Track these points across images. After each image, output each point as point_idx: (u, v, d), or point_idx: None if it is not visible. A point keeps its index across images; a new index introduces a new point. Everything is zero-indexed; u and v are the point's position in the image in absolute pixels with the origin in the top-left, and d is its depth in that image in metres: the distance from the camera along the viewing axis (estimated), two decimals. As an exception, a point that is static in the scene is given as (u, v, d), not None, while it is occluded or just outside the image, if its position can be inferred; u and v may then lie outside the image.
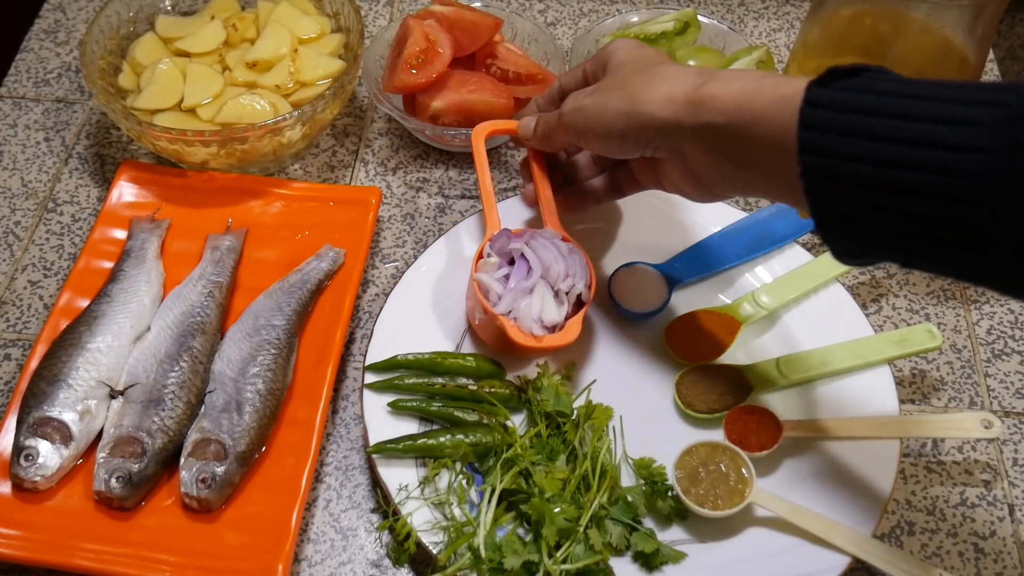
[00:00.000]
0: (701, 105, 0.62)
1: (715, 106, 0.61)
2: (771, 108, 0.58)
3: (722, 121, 0.61)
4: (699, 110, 0.62)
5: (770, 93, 0.58)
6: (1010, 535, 0.76)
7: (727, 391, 0.78)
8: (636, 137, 0.68)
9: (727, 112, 0.61)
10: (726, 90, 0.61)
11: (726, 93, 0.61)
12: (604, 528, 0.70)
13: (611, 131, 0.69)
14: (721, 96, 0.61)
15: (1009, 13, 1.58)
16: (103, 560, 0.70)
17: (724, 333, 0.82)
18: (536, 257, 0.76)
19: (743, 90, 0.60)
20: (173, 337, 0.80)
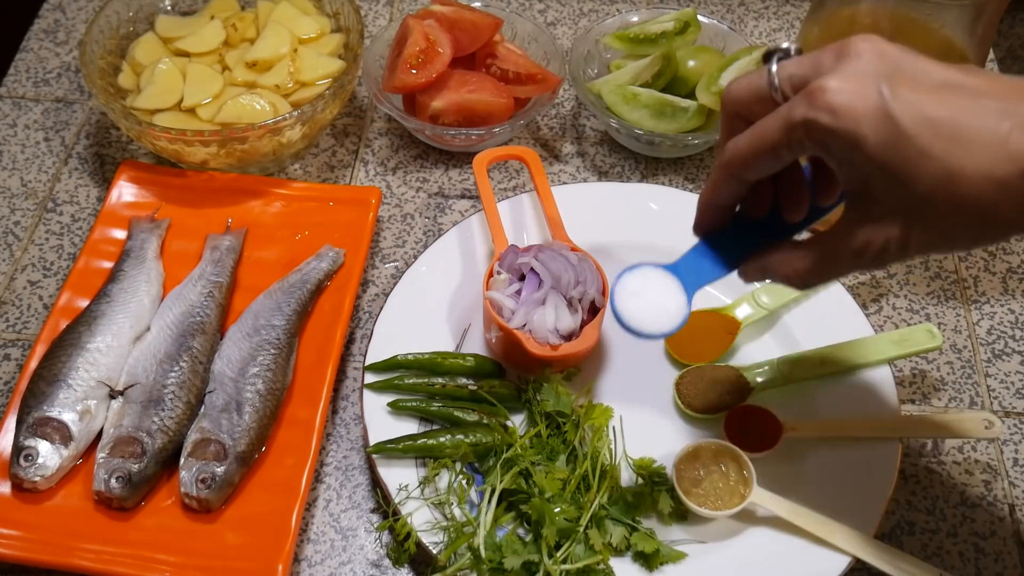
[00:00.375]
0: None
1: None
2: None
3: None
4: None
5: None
6: (1010, 535, 0.76)
7: (727, 391, 0.78)
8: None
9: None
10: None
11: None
12: (604, 528, 0.70)
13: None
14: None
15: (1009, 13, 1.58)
16: (103, 560, 0.70)
17: (724, 333, 0.82)
18: (545, 269, 0.77)
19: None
20: (173, 337, 0.80)
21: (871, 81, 0.51)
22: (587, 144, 1.01)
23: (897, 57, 0.52)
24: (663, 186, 0.94)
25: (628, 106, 0.94)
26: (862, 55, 0.52)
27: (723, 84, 0.92)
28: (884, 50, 0.53)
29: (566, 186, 0.91)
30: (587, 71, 1.01)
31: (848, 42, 0.53)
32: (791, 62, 0.55)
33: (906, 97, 0.50)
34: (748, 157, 0.56)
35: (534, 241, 0.87)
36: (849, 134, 0.51)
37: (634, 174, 0.99)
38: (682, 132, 0.94)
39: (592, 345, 0.78)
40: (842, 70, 0.52)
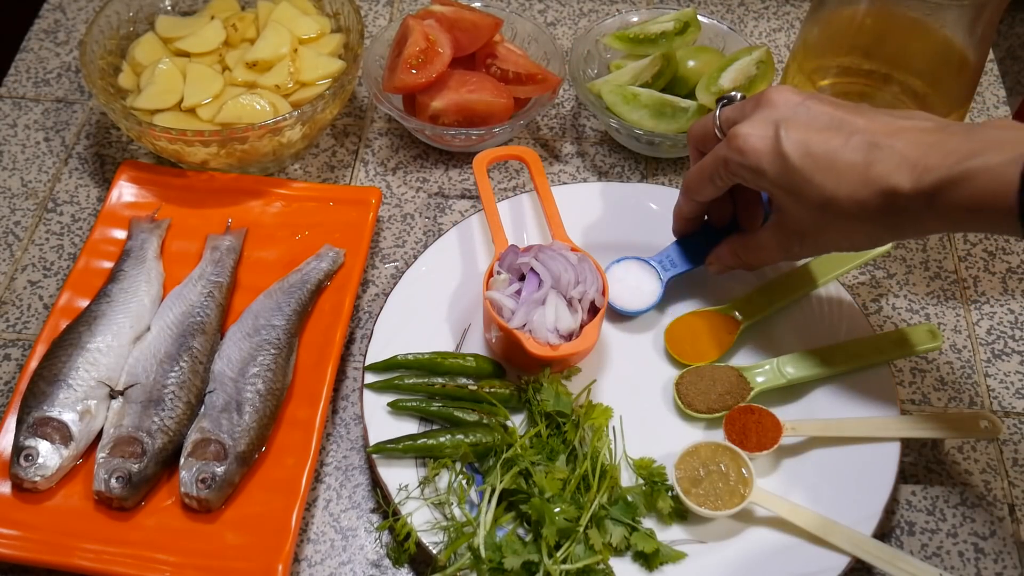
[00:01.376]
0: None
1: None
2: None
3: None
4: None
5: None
6: (1010, 535, 0.76)
7: (727, 391, 0.78)
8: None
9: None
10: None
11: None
12: (604, 528, 0.70)
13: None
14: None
15: (1009, 13, 1.58)
16: (103, 560, 0.70)
17: (724, 333, 0.82)
18: (545, 268, 0.77)
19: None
20: (173, 337, 0.80)
21: (772, 125, 0.67)
22: (587, 144, 1.01)
23: (797, 103, 0.68)
24: (663, 186, 0.94)
25: (628, 106, 0.94)
26: (772, 103, 0.68)
27: (723, 84, 0.92)
28: (789, 98, 0.68)
29: (566, 186, 0.91)
30: (587, 71, 1.01)
31: (765, 92, 0.69)
32: (730, 108, 0.73)
33: (795, 137, 0.66)
34: (694, 183, 0.76)
35: (534, 241, 0.87)
36: (753, 167, 0.68)
37: (634, 174, 0.99)
38: (682, 132, 0.94)
39: (592, 345, 0.79)
40: (753, 117, 0.69)
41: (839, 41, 0.85)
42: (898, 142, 0.63)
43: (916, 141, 0.62)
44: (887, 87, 0.85)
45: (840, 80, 0.87)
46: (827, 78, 0.87)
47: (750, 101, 0.70)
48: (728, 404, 0.78)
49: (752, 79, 0.93)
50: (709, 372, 0.80)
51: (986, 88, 1.07)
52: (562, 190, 0.89)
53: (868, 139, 0.64)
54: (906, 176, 0.62)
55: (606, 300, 0.78)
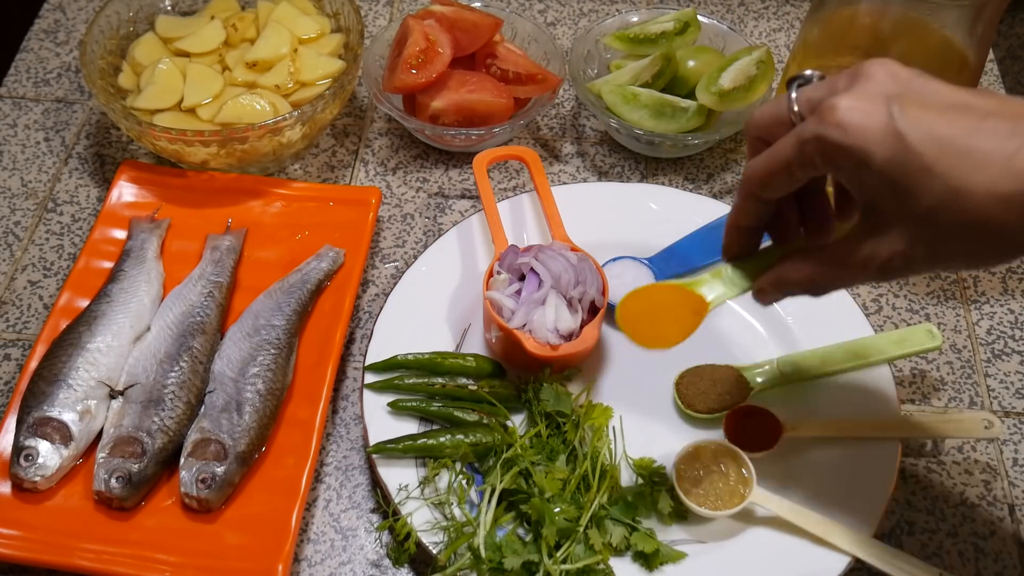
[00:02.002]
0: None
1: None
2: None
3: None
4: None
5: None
6: (1010, 535, 0.76)
7: (727, 391, 0.78)
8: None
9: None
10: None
11: None
12: (604, 528, 0.70)
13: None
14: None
15: (1009, 13, 1.58)
16: (103, 560, 0.70)
17: (689, 313, 0.67)
18: (545, 269, 0.77)
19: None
20: (173, 337, 0.80)
21: (881, 100, 0.53)
22: (587, 144, 1.01)
23: (909, 78, 0.54)
24: (663, 186, 0.94)
25: (628, 106, 0.94)
26: (874, 76, 0.54)
27: (723, 84, 0.92)
28: (896, 72, 0.54)
29: (566, 186, 0.91)
30: (587, 71, 1.01)
31: (862, 65, 0.55)
32: (810, 87, 0.57)
33: (915, 115, 0.52)
34: (764, 175, 0.58)
35: (534, 241, 0.87)
36: (857, 149, 0.52)
37: (634, 174, 0.99)
38: (682, 132, 0.94)
39: (592, 345, 0.79)
40: (854, 90, 0.54)
41: (839, 41, 0.85)
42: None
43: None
44: (887, 87, 0.85)
45: (840, 80, 0.87)
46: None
47: (843, 75, 0.56)
48: (728, 404, 0.77)
49: (752, 79, 0.93)
50: (709, 372, 0.80)
51: (986, 88, 1.07)
52: (562, 190, 0.89)
53: (1008, 124, 0.51)
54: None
55: (606, 300, 0.78)
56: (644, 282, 0.84)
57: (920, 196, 0.52)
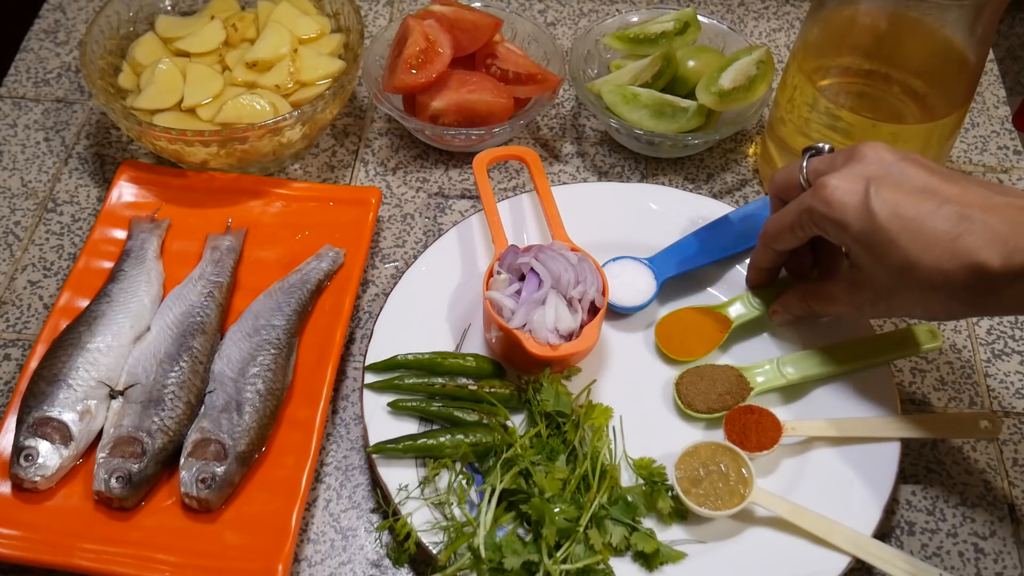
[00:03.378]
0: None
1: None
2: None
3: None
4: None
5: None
6: (1010, 535, 0.76)
7: (727, 391, 0.78)
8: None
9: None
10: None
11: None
12: (604, 528, 0.70)
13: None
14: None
15: (1009, 13, 1.58)
16: (103, 560, 0.70)
17: (715, 331, 0.82)
18: (545, 269, 0.77)
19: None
20: (173, 337, 0.80)
21: (863, 181, 0.65)
22: (587, 144, 1.01)
23: (891, 162, 0.66)
24: (663, 186, 0.94)
25: (628, 106, 0.94)
26: (864, 158, 0.67)
27: (723, 84, 0.92)
28: (883, 156, 0.66)
29: (566, 186, 0.91)
30: (587, 71, 1.01)
31: (858, 147, 0.68)
32: (817, 159, 0.72)
33: (886, 196, 0.64)
34: (774, 232, 0.75)
35: (534, 241, 0.87)
36: (838, 220, 0.67)
37: (634, 174, 0.99)
38: (682, 132, 0.94)
39: (592, 345, 0.78)
40: (844, 170, 0.67)
41: (839, 41, 0.85)
42: (991, 217, 0.61)
43: (1011, 219, 0.60)
44: (887, 87, 0.85)
45: (840, 80, 0.87)
46: (827, 78, 0.87)
47: (840, 154, 0.69)
48: (728, 404, 0.77)
49: (752, 79, 0.93)
50: (709, 372, 0.80)
51: (986, 88, 1.07)
52: (562, 190, 0.89)
53: (960, 210, 0.62)
54: (996, 253, 0.60)
55: (606, 300, 0.78)
56: (644, 280, 0.85)
57: (884, 261, 0.65)
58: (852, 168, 0.67)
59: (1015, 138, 1.03)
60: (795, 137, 0.89)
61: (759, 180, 0.98)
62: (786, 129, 0.90)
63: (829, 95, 0.85)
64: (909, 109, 0.85)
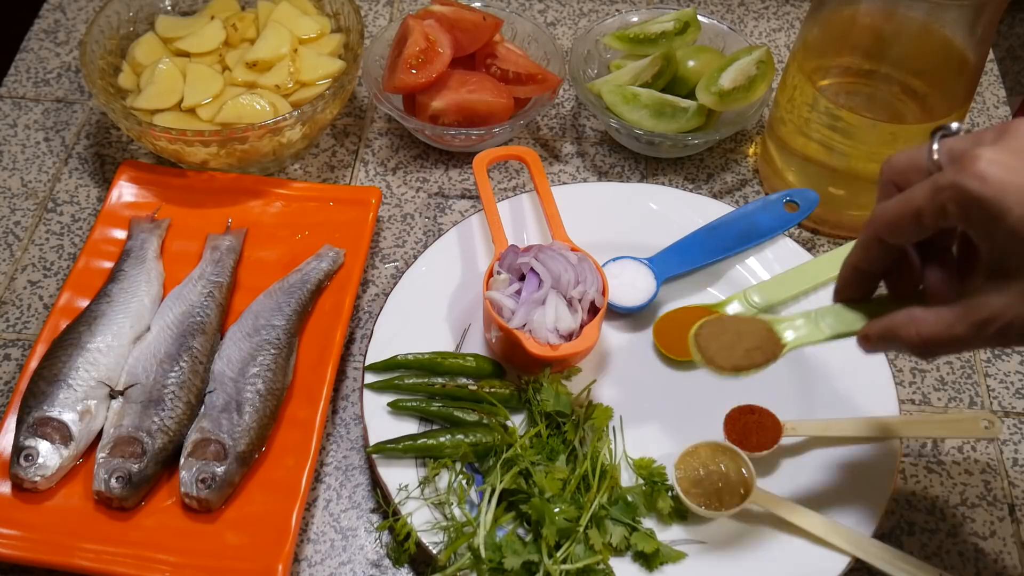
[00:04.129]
0: None
1: None
2: None
3: None
4: None
5: None
6: (1010, 535, 0.76)
7: (755, 346, 0.66)
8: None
9: None
10: None
11: None
12: (604, 528, 0.70)
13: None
14: None
15: (1009, 13, 1.58)
16: (103, 560, 0.70)
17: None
18: (545, 269, 0.77)
19: None
20: (173, 337, 0.80)
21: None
22: (587, 144, 1.01)
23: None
24: (663, 186, 0.94)
25: (628, 106, 0.94)
26: (1021, 135, 0.52)
27: (723, 84, 0.92)
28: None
29: (566, 186, 0.91)
30: (587, 71, 1.01)
31: (1013, 122, 0.53)
32: (953, 138, 0.56)
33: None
34: (893, 219, 0.57)
35: (534, 241, 0.87)
36: (993, 202, 0.51)
37: (634, 174, 0.99)
38: (682, 132, 0.94)
39: (592, 345, 0.78)
40: (1000, 144, 0.52)
41: (839, 41, 0.85)
42: None
43: None
44: (887, 87, 0.85)
45: (840, 80, 0.87)
46: (827, 78, 0.87)
47: (989, 131, 0.54)
48: (757, 362, 0.65)
49: (752, 79, 0.93)
50: (732, 324, 0.67)
51: (986, 88, 1.07)
52: (562, 190, 0.89)
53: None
54: None
55: (606, 300, 0.78)
56: (644, 280, 0.85)
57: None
58: (1009, 143, 0.52)
59: (1015, 138, 1.03)
60: (795, 137, 0.89)
61: (759, 180, 0.98)
62: (786, 129, 0.90)
63: (829, 95, 0.85)
64: (909, 109, 0.85)
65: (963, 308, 0.55)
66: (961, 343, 0.56)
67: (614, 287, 0.84)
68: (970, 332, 0.55)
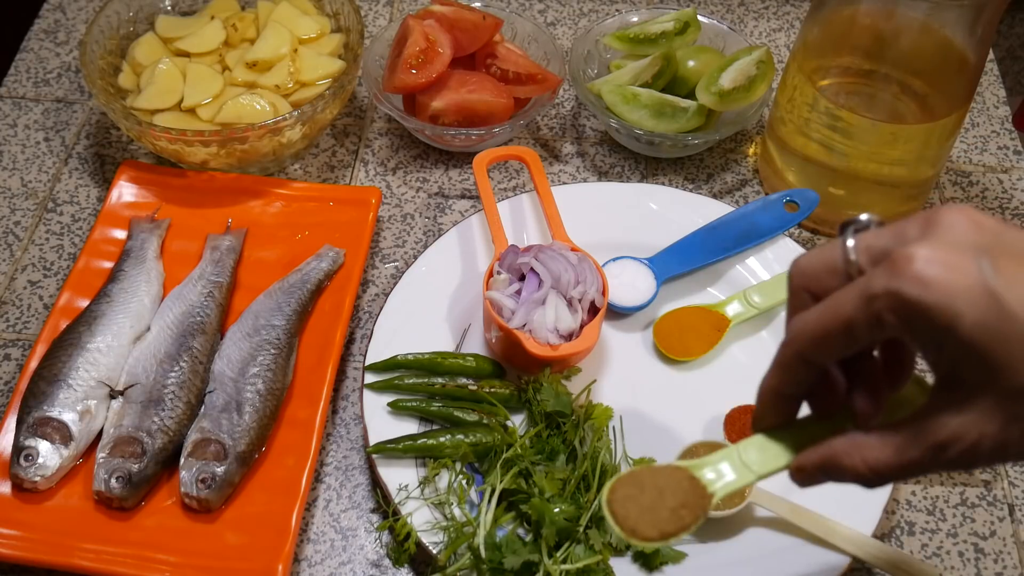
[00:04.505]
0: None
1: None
2: None
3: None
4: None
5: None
6: (1010, 535, 0.76)
7: (680, 504, 0.54)
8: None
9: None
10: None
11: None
12: (604, 528, 0.70)
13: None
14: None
15: (1009, 13, 1.58)
16: (103, 560, 0.70)
17: (712, 330, 0.82)
18: (545, 269, 0.77)
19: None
20: (173, 337, 0.80)
21: (969, 253, 0.44)
22: (587, 144, 1.01)
23: (997, 229, 0.46)
24: (663, 186, 0.94)
25: (628, 106, 0.94)
26: (954, 225, 0.46)
27: (723, 84, 0.92)
28: (980, 220, 0.46)
29: (566, 186, 0.91)
30: (587, 71, 1.01)
31: (936, 211, 0.47)
32: (869, 233, 0.48)
33: (1011, 273, 0.44)
34: (818, 334, 0.49)
35: (534, 241, 0.87)
36: (941, 309, 0.43)
37: (634, 174, 0.99)
38: (682, 132, 0.94)
39: (592, 345, 0.78)
40: (932, 240, 0.45)
41: (839, 41, 0.85)
42: None
43: None
44: (887, 87, 0.86)
45: (840, 80, 0.87)
46: (827, 78, 0.87)
47: (912, 223, 0.47)
48: (686, 522, 0.53)
49: (752, 79, 0.93)
50: (651, 479, 0.55)
51: (986, 88, 1.07)
52: (562, 190, 0.89)
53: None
54: None
55: (606, 300, 0.78)
56: (644, 280, 0.85)
57: (1019, 368, 0.44)
58: (942, 236, 0.45)
59: (1015, 138, 1.03)
60: (795, 137, 0.89)
61: (759, 180, 0.98)
62: (786, 129, 0.90)
63: (829, 95, 0.85)
64: (909, 109, 0.85)
65: (914, 430, 0.48)
66: (916, 468, 0.49)
67: (614, 287, 0.84)
68: (926, 456, 0.48)
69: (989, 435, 0.46)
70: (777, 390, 0.53)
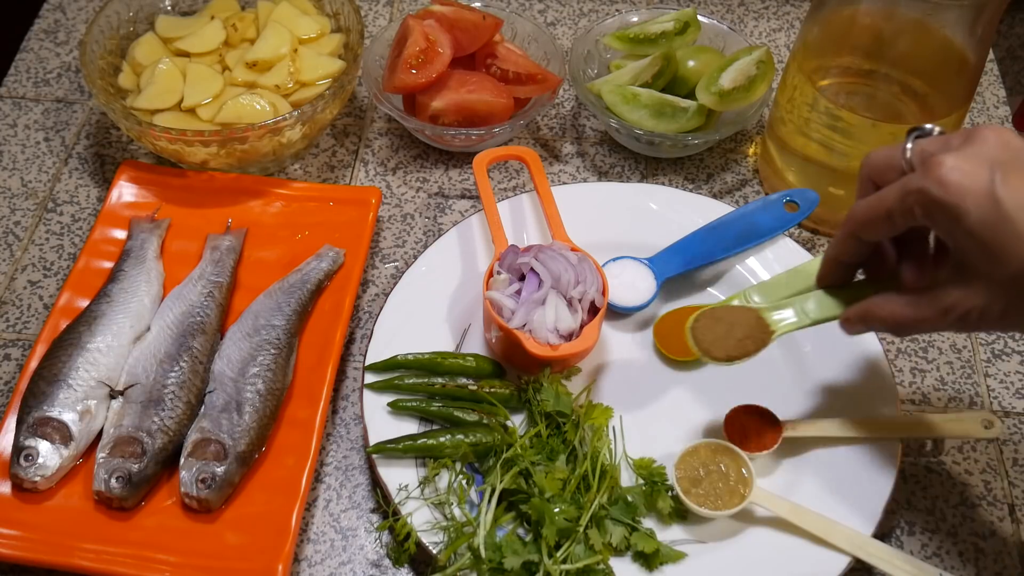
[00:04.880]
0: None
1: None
2: None
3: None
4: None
5: None
6: (1010, 535, 0.76)
7: (746, 336, 0.70)
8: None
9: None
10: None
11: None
12: (604, 528, 0.70)
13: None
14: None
15: (1009, 13, 1.58)
16: (103, 560, 0.70)
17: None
18: (545, 269, 0.77)
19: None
20: (173, 337, 0.80)
21: (986, 164, 0.55)
22: (587, 144, 1.01)
23: (1020, 148, 0.56)
24: (663, 186, 0.94)
25: (628, 106, 0.94)
26: (987, 141, 0.57)
27: (723, 84, 0.92)
28: (1009, 141, 0.57)
29: (566, 186, 0.91)
30: (587, 71, 1.01)
31: (979, 128, 0.58)
32: (926, 140, 0.60)
33: (1015, 184, 0.55)
34: (866, 218, 0.62)
35: (534, 241, 0.87)
36: (952, 207, 0.55)
37: (634, 174, 0.99)
38: (682, 132, 0.94)
39: (592, 345, 0.79)
40: (963, 151, 0.56)
41: (839, 41, 0.85)
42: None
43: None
44: (887, 87, 0.86)
45: (840, 80, 0.87)
46: (827, 78, 0.87)
47: (957, 135, 0.59)
48: (748, 351, 0.69)
49: (752, 79, 0.93)
50: (726, 316, 0.71)
51: (986, 88, 1.07)
52: (562, 190, 0.89)
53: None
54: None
55: (606, 300, 0.78)
56: (644, 280, 0.85)
57: (1008, 260, 0.55)
58: (972, 149, 0.56)
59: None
60: (795, 137, 0.89)
61: (759, 180, 0.98)
62: (786, 129, 0.90)
63: (829, 95, 0.85)
64: (909, 109, 0.85)
65: (930, 296, 0.61)
66: (927, 325, 0.62)
67: (614, 287, 0.84)
68: (936, 316, 0.61)
69: (978, 307, 0.59)
70: (835, 258, 0.68)
